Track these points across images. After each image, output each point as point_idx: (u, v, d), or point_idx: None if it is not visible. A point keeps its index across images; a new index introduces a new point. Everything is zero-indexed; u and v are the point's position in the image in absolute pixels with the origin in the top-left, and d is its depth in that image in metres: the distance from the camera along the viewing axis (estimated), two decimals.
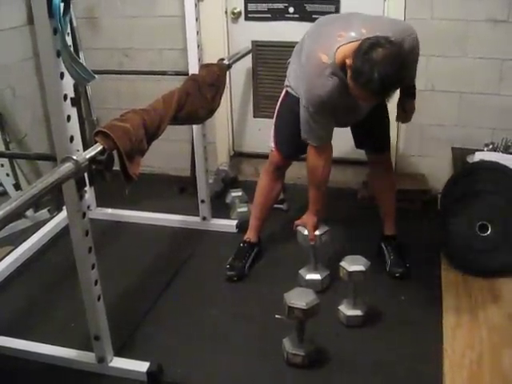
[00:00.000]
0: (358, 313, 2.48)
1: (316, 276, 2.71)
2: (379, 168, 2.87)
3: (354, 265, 2.42)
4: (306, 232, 2.65)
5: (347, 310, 2.48)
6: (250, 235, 2.98)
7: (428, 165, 3.61)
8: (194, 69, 2.92)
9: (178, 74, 3.20)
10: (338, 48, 2.26)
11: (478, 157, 3.04)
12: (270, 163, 2.85)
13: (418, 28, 3.22)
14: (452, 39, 3.29)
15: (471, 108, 3.40)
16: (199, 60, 2.93)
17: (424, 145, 3.60)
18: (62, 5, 1.68)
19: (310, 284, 2.64)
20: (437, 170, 3.54)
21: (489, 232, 2.71)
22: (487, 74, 3.30)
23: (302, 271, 2.76)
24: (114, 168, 1.96)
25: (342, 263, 2.45)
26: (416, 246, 3.02)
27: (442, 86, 3.41)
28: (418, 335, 2.41)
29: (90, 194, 3.43)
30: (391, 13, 3.31)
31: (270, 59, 3.65)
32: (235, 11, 3.60)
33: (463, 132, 3.45)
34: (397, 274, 2.79)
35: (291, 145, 2.71)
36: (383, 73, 2.06)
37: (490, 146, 3.19)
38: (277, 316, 2.44)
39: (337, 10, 3.39)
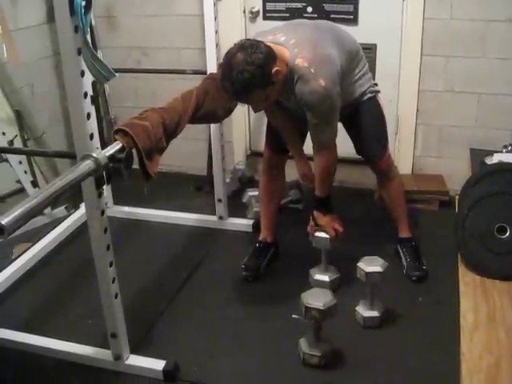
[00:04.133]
0: (375, 314, 2.46)
1: (324, 277, 2.71)
2: (377, 176, 2.87)
3: (371, 265, 2.40)
4: (317, 234, 2.64)
5: (364, 311, 2.47)
6: (265, 235, 2.98)
7: (446, 166, 3.59)
8: (212, 68, 2.92)
9: (196, 72, 3.20)
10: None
11: (496, 158, 3.01)
12: (264, 161, 2.90)
13: (437, 28, 3.26)
14: (471, 40, 3.26)
15: (490, 109, 3.38)
16: (217, 59, 2.93)
17: (442, 146, 3.58)
18: (83, 2, 1.69)
19: (319, 285, 2.63)
20: (455, 171, 3.52)
21: (507, 234, 2.68)
22: (507, 74, 3.27)
23: (312, 271, 2.77)
24: (133, 166, 1.97)
25: (360, 264, 2.44)
26: (433, 247, 3.00)
27: (461, 86, 3.38)
28: (435, 337, 2.39)
29: (106, 191, 3.44)
30: (410, 13, 3.29)
31: None
32: (253, 10, 3.59)
33: (482, 133, 3.43)
34: (413, 278, 2.78)
35: (278, 139, 2.76)
36: (226, 73, 2.23)
37: (509, 148, 3.16)
38: (293, 316, 2.43)
39: (355, 10, 3.37)
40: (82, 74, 1.79)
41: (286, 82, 2.32)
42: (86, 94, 1.83)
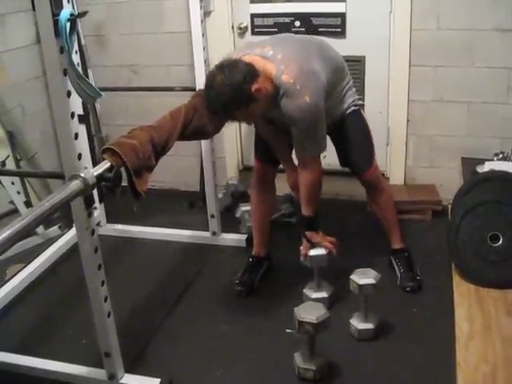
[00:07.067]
0: (370, 326, 2.46)
1: (321, 294, 2.70)
2: (365, 188, 2.85)
3: (364, 278, 2.40)
4: (312, 253, 2.63)
5: (358, 324, 2.47)
6: (258, 250, 2.98)
7: (438, 175, 3.60)
8: (200, 84, 2.91)
9: (185, 89, 3.22)
10: (246, 55, 2.37)
11: (487, 167, 3.02)
12: (254, 173, 2.90)
13: (424, 39, 3.28)
14: (459, 49, 3.28)
15: (480, 118, 3.39)
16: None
17: (433, 155, 3.59)
18: (68, 24, 1.70)
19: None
20: (447, 181, 3.52)
21: (500, 242, 2.69)
22: (495, 83, 3.29)
23: (306, 290, 2.75)
24: (123, 184, 1.97)
25: (353, 276, 2.43)
26: (427, 257, 3.00)
27: (450, 96, 3.40)
28: (430, 348, 2.38)
29: (100, 210, 3.44)
30: (397, 24, 3.32)
31: None
32: (242, 26, 3.62)
33: (472, 142, 3.44)
34: (408, 289, 2.77)
35: (267, 150, 2.77)
36: (207, 95, 2.29)
37: (500, 156, 3.17)
38: (287, 330, 2.42)
39: (343, 23, 3.40)
40: (69, 94, 1.80)
41: (271, 98, 2.34)
42: (73, 114, 1.84)
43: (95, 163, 2.03)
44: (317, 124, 2.38)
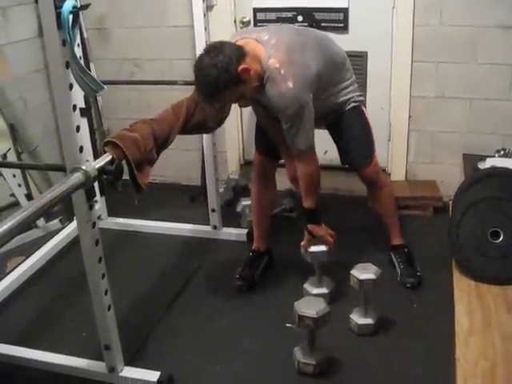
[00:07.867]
0: (369, 321, 2.46)
1: (322, 290, 2.70)
2: (366, 184, 2.83)
3: (364, 273, 2.40)
4: (312, 249, 2.63)
5: (358, 319, 2.47)
6: (258, 244, 2.98)
7: (439, 171, 3.60)
8: None
9: (187, 83, 3.21)
10: (242, 38, 2.40)
11: (489, 163, 3.02)
12: (254, 168, 2.89)
13: (427, 35, 3.28)
14: (461, 45, 3.28)
15: (482, 114, 3.39)
16: None
17: (435, 151, 3.59)
18: (70, 16, 1.70)
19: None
20: (448, 177, 3.52)
21: (501, 239, 2.68)
22: (497, 79, 3.28)
23: (306, 285, 2.75)
24: (124, 178, 1.97)
25: (353, 271, 2.43)
26: (427, 253, 3.00)
27: (452, 92, 3.40)
28: (429, 344, 2.39)
29: (101, 203, 3.45)
30: (400, 20, 3.31)
31: None
32: (244, 20, 3.61)
33: (474, 138, 3.44)
34: (408, 285, 2.77)
35: (269, 142, 2.76)
36: (196, 78, 2.28)
37: (502, 152, 3.17)
38: (287, 325, 2.43)
39: (345, 18, 3.39)
40: (71, 87, 1.80)
41: (260, 80, 2.33)
42: (74, 107, 1.83)
43: (97, 156, 2.03)
44: (302, 112, 2.34)
